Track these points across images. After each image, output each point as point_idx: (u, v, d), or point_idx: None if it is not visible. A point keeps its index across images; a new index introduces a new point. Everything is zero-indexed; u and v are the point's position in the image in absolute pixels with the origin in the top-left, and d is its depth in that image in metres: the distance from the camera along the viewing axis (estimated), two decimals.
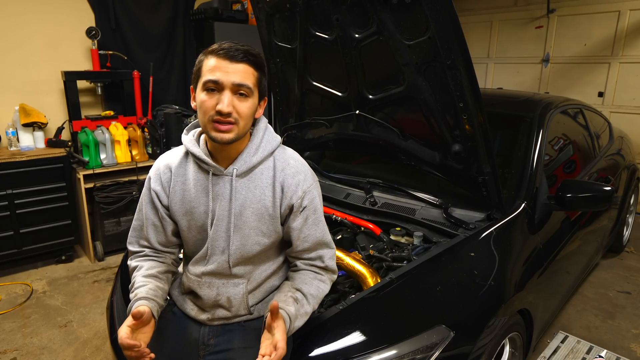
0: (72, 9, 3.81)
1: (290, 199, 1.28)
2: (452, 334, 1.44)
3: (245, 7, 4.41)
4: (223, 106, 1.14)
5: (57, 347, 2.58)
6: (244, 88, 1.17)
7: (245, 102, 1.19)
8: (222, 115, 1.15)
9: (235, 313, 1.32)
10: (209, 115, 1.17)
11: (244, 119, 1.19)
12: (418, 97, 1.93)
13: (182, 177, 1.30)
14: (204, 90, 1.17)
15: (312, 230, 1.32)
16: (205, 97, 1.17)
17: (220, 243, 1.28)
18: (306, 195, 1.29)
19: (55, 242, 3.52)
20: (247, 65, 1.17)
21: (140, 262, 1.36)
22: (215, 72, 1.15)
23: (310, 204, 1.30)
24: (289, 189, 1.28)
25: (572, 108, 2.99)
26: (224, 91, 1.16)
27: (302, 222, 1.30)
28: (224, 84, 1.15)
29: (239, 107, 1.17)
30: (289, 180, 1.28)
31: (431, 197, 2.20)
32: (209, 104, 1.16)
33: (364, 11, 1.88)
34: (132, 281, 1.31)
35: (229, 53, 1.16)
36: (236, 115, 1.17)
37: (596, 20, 4.76)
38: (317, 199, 1.33)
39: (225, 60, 1.15)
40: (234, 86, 1.16)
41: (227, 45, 1.17)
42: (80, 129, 3.63)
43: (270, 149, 1.29)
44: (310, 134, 2.59)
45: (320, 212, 1.34)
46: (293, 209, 1.29)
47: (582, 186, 2.16)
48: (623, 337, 2.69)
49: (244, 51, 1.17)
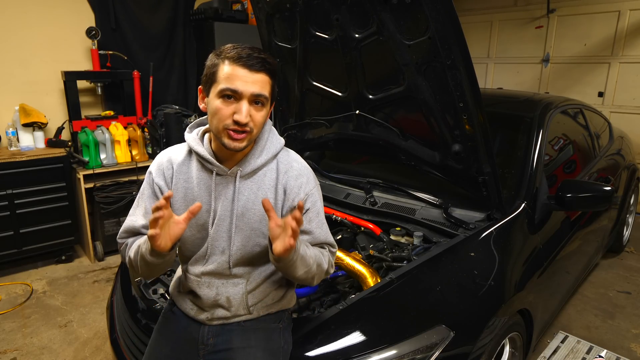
0: (72, 9, 3.81)
1: (292, 201, 1.28)
2: (452, 334, 1.44)
3: (245, 7, 4.41)
4: (241, 117, 1.13)
5: (57, 347, 2.58)
6: (262, 98, 1.16)
7: (261, 112, 1.18)
8: (240, 125, 1.14)
9: (235, 313, 1.32)
10: (225, 123, 1.15)
11: (257, 127, 1.19)
12: (418, 97, 1.93)
13: (185, 175, 1.30)
14: (220, 97, 1.15)
15: (317, 232, 1.32)
16: (221, 105, 1.15)
17: (221, 243, 1.28)
18: (309, 198, 1.30)
19: (55, 242, 3.52)
20: (264, 75, 1.16)
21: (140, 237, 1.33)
22: (234, 82, 1.13)
23: (312, 206, 1.31)
24: (292, 191, 1.28)
25: (572, 108, 2.99)
26: (241, 101, 1.14)
27: (305, 225, 1.30)
28: (243, 94, 1.14)
29: (255, 116, 1.17)
30: (291, 182, 1.29)
31: (431, 197, 2.20)
32: (225, 112, 1.15)
33: (364, 11, 1.88)
34: (134, 248, 1.31)
35: (248, 62, 1.13)
36: (252, 124, 1.17)
37: (596, 20, 4.76)
38: (319, 202, 1.34)
39: (244, 69, 1.13)
40: (252, 96, 1.15)
41: (245, 53, 1.14)
42: (80, 129, 3.63)
43: (274, 151, 1.30)
44: (310, 134, 2.59)
45: (322, 214, 1.35)
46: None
47: (582, 186, 2.16)
48: (623, 337, 2.69)
49: (262, 60, 1.15)
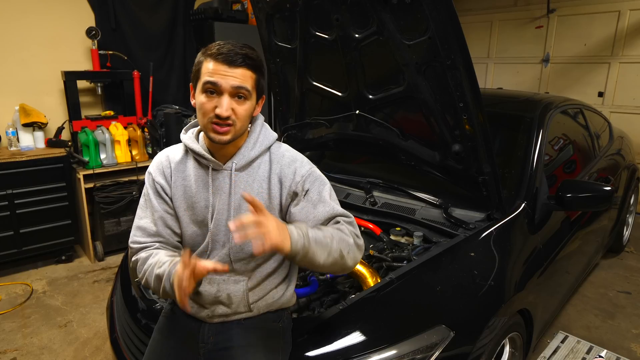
0: (72, 9, 3.81)
1: (289, 187, 1.30)
2: (452, 334, 1.44)
3: (245, 7, 4.41)
4: (222, 110, 1.17)
5: (57, 347, 2.58)
6: (243, 91, 1.19)
7: (244, 105, 1.21)
8: (221, 119, 1.18)
9: (235, 310, 1.33)
10: (208, 117, 1.19)
11: (241, 120, 1.22)
12: (418, 97, 1.93)
13: (183, 173, 1.32)
14: (203, 92, 1.19)
15: (320, 208, 1.29)
16: (204, 100, 1.19)
17: (221, 237, 1.30)
18: (306, 179, 1.30)
19: (55, 242, 3.52)
20: (245, 70, 1.19)
21: (155, 251, 1.31)
22: (213, 76, 1.17)
23: (312, 186, 1.30)
24: (287, 178, 1.30)
25: (572, 108, 2.99)
26: (222, 95, 1.18)
27: (309, 206, 1.28)
28: (222, 87, 1.17)
29: (238, 109, 1.20)
30: (285, 170, 1.31)
31: (431, 197, 2.20)
32: (208, 107, 1.19)
33: (364, 11, 1.88)
34: (153, 261, 1.26)
35: (227, 58, 1.17)
36: (234, 117, 1.20)
37: (596, 20, 4.76)
38: (319, 180, 1.32)
39: (224, 65, 1.17)
40: (232, 89, 1.18)
41: (225, 50, 1.18)
42: (80, 129, 3.63)
43: (267, 144, 1.32)
44: (310, 134, 2.59)
45: (326, 193, 1.31)
46: (298, 195, 1.29)
47: (582, 186, 2.16)
48: (623, 337, 2.69)
49: (243, 55, 1.18)
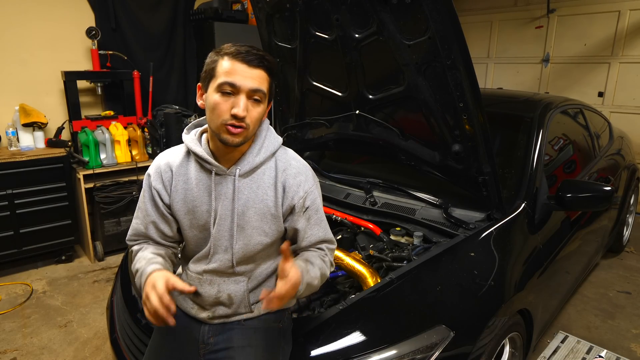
0: (72, 9, 3.81)
1: (291, 199, 1.29)
2: (452, 334, 1.44)
3: (245, 7, 4.41)
4: (239, 110, 1.14)
5: (57, 347, 2.58)
6: (259, 94, 1.18)
7: (258, 108, 1.20)
8: (237, 120, 1.15)
9: (236, 310, 1.33)
10: (223, 118, 1.16)
11: (254, 123, 1.20)
12: (418, 97, 1.93)
13: (184, 177, 1.30)
14: (219, 92, 1.16)
15: (315, 230, 1.34)
16: (219, 100, 1.16)
17: (223, 242, 1.29)
18: (308, 196, 1.31)
19: (55, 242, 3.52)
20: (262, 71, 1.18)
21: (145, 245, 1.36)
22: (233, 76, 1.15)
23: (312, 204, 1.32)
24: (291, 189, 1.29)
25: (572, 108, 2.99)
26: (239, 95, 1.16)
27: (305, 223, 1.32)
28: (241, 88, 1.15)
29: (252, 112, 1.18)
30: (290, 180, 1.29)
31: (431, 197, 2.20)
32: (223, 107, 1.16)
33: (364, 11, 1.88)
34: (140, 255, 1.31)
35: (247, 58, 1.15)
36: (249, 120, 1.18)
37: (596, 20, 4.76)
38: (319, 199, 1.36)
39: (243, 64, 1.15)
40: (250, 91, 1.16)
41: (244, 49, 1.16)
42: (80, 129, 3.63)
43: (272, 150, 1.30)
44: (310, 134, 2.59)
45: (321, 211, 1.37)
46: (295, 210, 1.30)
47: (582, 186, 2.16)
48: (623, 337, 2.69)
49: (261, 57, 1.17)
